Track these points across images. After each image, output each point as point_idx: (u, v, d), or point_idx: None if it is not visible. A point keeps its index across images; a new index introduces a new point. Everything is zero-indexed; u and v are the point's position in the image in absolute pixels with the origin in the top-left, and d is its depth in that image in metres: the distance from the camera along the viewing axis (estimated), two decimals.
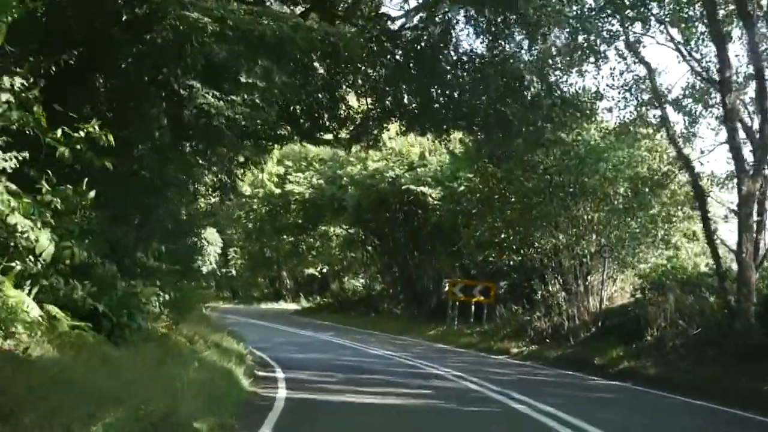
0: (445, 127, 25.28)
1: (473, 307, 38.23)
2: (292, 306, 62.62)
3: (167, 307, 17.63)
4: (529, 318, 33.00)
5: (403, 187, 40.81)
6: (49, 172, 11.90)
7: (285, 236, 58.13)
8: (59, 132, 11.96)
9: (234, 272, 69.54)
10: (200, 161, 17.63)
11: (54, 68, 11.79)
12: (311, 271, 65.40)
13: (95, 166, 12.16)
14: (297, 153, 51.84)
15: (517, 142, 26.46)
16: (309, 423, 12.67)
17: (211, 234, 66.27)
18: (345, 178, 45.86)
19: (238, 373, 15.54)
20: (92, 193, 12.31)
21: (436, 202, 40.55)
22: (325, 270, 65.30)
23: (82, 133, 12.14)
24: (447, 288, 40.06)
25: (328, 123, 25.68)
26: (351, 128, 26.25)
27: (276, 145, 27.84)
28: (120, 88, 15.08)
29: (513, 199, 33.56)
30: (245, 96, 15.47)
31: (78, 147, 12.00)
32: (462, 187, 36.34)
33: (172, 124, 15.17)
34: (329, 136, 26.94)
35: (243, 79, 15.32)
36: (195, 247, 61.13)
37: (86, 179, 12.28)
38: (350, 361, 24.48)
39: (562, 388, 19.74)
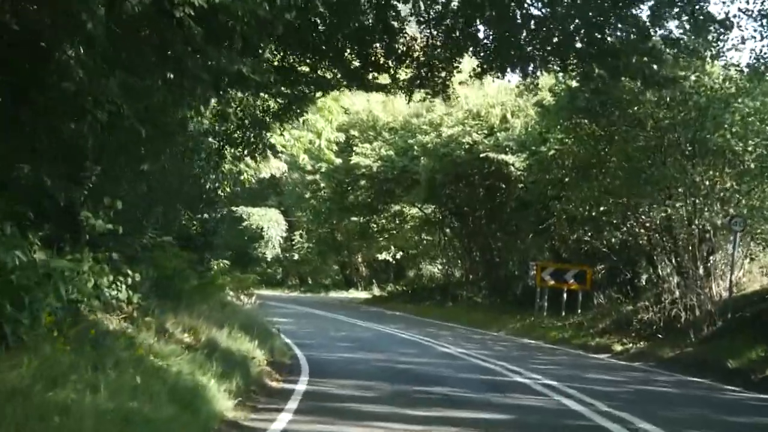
0: (531, 66, 19.80)
1: (565, 294, 32.88)
2: (363, 294, 57.54)
3: (139, 292, 12.66)
4: (634, 308, 27.58)
5: (481, 155, 35.20)
6: None
7: (354, 217, 52.99)
8: None
9: (298, 257, 64.51)
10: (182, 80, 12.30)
11: None
12: (384, 256, 60.01)
13: None
14: (364, 122, 46.73)
15: (623, 81, 20.94)
16: None
17: (273, 215, 61.78)
18: (417, 148, 40.51)
19: (214, 391, 10.40)
20: None
21: (520, 172, 34.77)
22: (398, 255, 59.93)
23: None
24: (534, 273, 34.58)
25: (382, 60, 20.34)
26: (413, 68, 20.90)
27: (318, 92, 22.66)
28: None
29: (615, 163, 27.83)
30: None
31: None
32: (552, 151, 30.52)
33: (114, 18, 10.07)
34: (385, 80, 21.59)
35: None
36: (250, 229, 56.75)
37: None
38: (410, 364, 19.28)
39: (700, 407, 14.22)
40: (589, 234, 32.73)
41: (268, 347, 17.43)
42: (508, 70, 20.80)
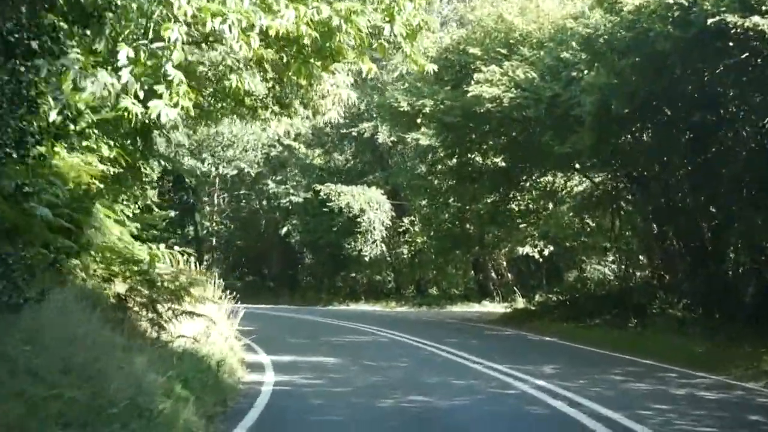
0: None
1: None
2: (501, 308, 40.97)
3: None
4: None
5: (710, 22, 17.98)
6: None
7: (486, 196, 36.83)
8: None
9: (408, 255, 48.33)
10: None
11: None
12: (528, 250, 42.70)
13: None
14: (490, 33, 30.69)
15: None
16: None
17: (374, 195, 46.26)
18: (577, 45, 24.26)
19: None
20: None
21: None
22: (547, 251, 42.54)
23: None
24: None
25: None
26: None
27: None
28: None
29: None
30: None
31: None
32: None
33: None
34: None
35: None
36: (339, 215, 41.81)
37: None
38: None
39: None
40: None
41: None
42: None
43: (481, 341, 25.37)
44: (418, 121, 31.66)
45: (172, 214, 32.71)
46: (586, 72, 24.64)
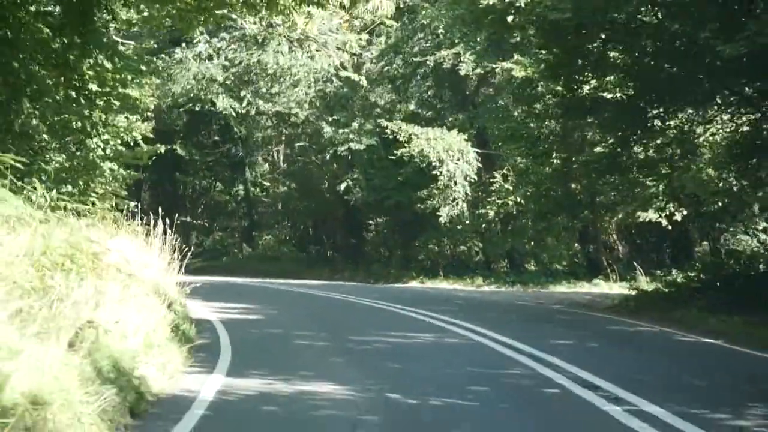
0: None
1: None
2: (617, 288, 31.75)
3: None
4: None
5: None
6: None
7: (600, 141, 27.72)
8: None
9: (492, 216, 38.85)
10: None
11: None
12: (652, 215, 32.59)
13: None
14: None
15: None
16: None
17: (455, 141, 37.29)
18: None
19: None
20: None
21: None
22: (678, 216, 32.28)
23: None
24: None
25: None
26: None
27: None
28: None
29: None
30: None
31: None
32: None
33: None
34: None
35: None
36: (410, 163, 33.48)
37: None
38: None
39: None
40: None
41: None
42: None
43: (609, 346, 16.20)
44: (509, 19, 22.30)
45: (163, 149, 24.64)
46: None
